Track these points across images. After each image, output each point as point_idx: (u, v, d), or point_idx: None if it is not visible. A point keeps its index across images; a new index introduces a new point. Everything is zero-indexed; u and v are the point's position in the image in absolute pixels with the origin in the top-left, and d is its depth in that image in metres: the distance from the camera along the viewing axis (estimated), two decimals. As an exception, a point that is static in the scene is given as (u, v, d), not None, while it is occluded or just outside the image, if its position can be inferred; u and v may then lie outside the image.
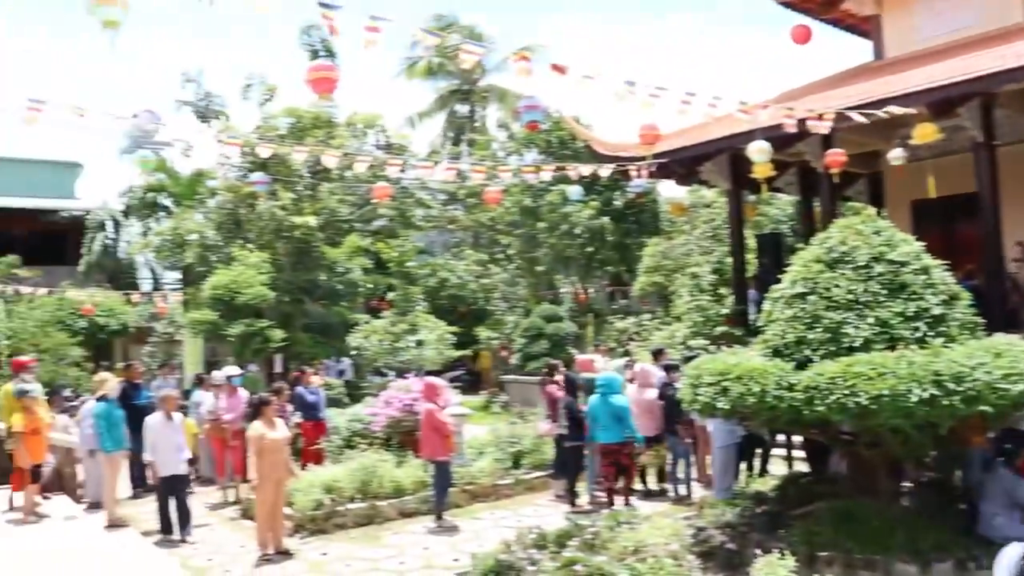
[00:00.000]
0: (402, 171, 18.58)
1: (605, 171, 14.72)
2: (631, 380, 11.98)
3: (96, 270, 28.36)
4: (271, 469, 9.02)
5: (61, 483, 12.30)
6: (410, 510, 10.71)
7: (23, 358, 13.23)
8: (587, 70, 9.19)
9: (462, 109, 38.75)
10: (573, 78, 9.00)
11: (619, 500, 10.46)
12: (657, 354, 13.05)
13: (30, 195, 29.68)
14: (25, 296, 19.61)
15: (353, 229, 23.10)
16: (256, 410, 9.34)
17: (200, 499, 11.57)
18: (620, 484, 10.66)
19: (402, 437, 12.33)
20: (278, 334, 18.34)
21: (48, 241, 28.91)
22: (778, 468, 10.99)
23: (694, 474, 11.50)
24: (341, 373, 22.03)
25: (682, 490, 11.19)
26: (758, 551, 6.75)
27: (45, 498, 11.51)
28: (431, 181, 24.09)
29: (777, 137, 11.78)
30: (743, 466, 10.76)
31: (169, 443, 9.94)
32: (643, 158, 13.95)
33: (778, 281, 8.30)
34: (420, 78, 38.03)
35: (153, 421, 10.03)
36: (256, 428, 9.02)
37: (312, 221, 20.70)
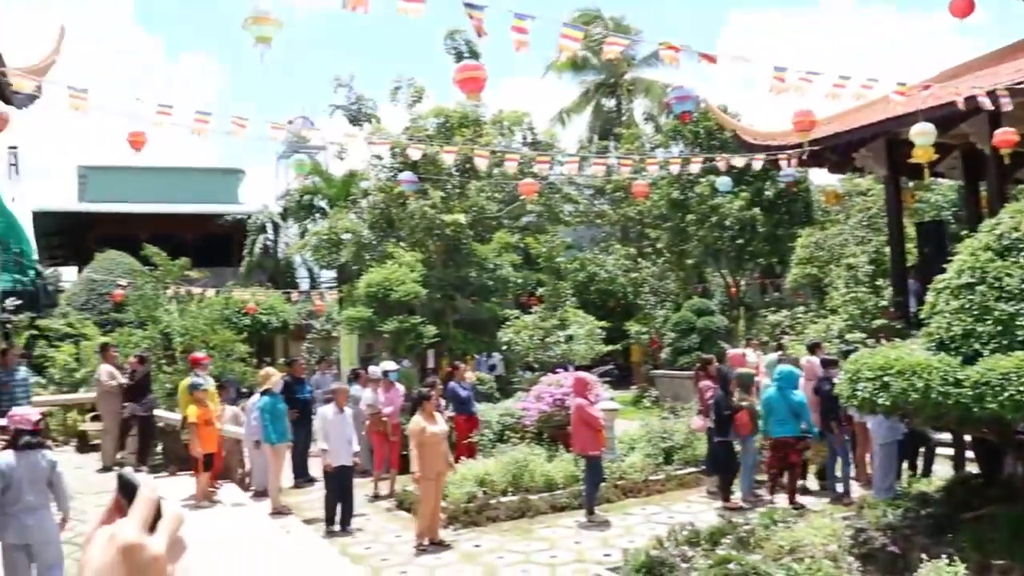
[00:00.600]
0: (550, 167, 18.67)
1: (756, 161, 14.39)
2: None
3: (257, 270, 29.65)
4: (432, 462, 9.23)
5: (229, 472, 12.92)
6: (561, 504, 10.76)
7: (199, 355, 13.93)
8: (737, 56, 9.01)
9: (608, 103, 38.58)
10: (723, 66, 8.83)
11: (783, 497, 10.22)
12: (813, 348, 12.68)
13: (198, 201, 31.38)
14: (195, 296, 20.68)
15: (502, 225, 23.34)
16: (416, 404, 9.57)
17: (357, 490, 11.96)
18: (785, 480, 10.46)
19: (553, 432, 12.40)
20: (430, 330, 18.72)
21: (214, 244, 30.38)
22: (943, 468, 10.50)
23: (852, 472, 11.11)
24: (492, 368, 22.33)
25: (840, 489, 10.83)
26: (923, 556, 6.45)
27: (217, 485, 12.09)
28: (578, 176, 24.09)
29: (939, 118, 11.18)
30: (905, 465, 10.34)
31: (340, 435, 10.34)
32: (797, 145, 13.55)
33: (942, 271, 7.91)
34: (566, 72, 38.06)
35: (326, 413, 10.45)
36: (417, 422, 9.24)
37: (462, 219, 21.03)
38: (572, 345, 18.40)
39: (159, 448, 14.31)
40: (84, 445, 16.07)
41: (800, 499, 10.44)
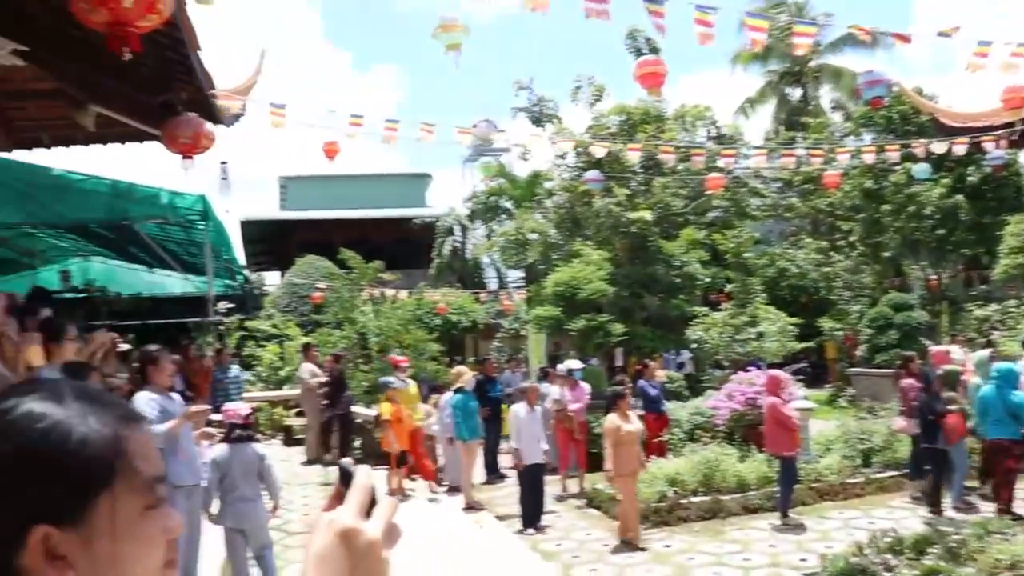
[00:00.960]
0: (735, 160, 18.26)
1: (958, 145, 13.58)
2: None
3: (447, 271, 30.42)
4: (627, 461, 9.23)
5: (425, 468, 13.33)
6: (753, 506, 10.52)
7: (398, 358, 14.36)
8: (937, 34, 8.54)
9: (794, 92, 37.37)
10: (918, 46, 8.40)
11: (994, 506, 9.59)
12: (1029, 344, 11.85)
13: (389, 206, 32.56)
14: (389, 297, 21.45)
15: (688, 222, 23.00)
16: (611, 403, 9.59)
17: (546, 488, 12.09)
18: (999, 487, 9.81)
19: (745, 431, 12.14)
20: (618, 328, 18.68)
21: (406, 246, 31.37)
22: None
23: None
24: (680, 366, 22.04)
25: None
26: None
27: (411, 479, 12.50)
28: (765, 169, 23.44)
29: None
30: None
31: (531, 433, 10.50)
32: (1007, 124, 12.71)
33: None
34: (750, 64, 37.17)
35: (518, 411, 10.65)
36: (612, 420, 9.26)
37: (647, 216, 20.88)
38: (763, 342, 17.91)
39: (358, 443, 14.93)
40: (289, 439, 16.98)
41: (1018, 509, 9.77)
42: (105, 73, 9.19)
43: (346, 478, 1.02)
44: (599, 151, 16.24)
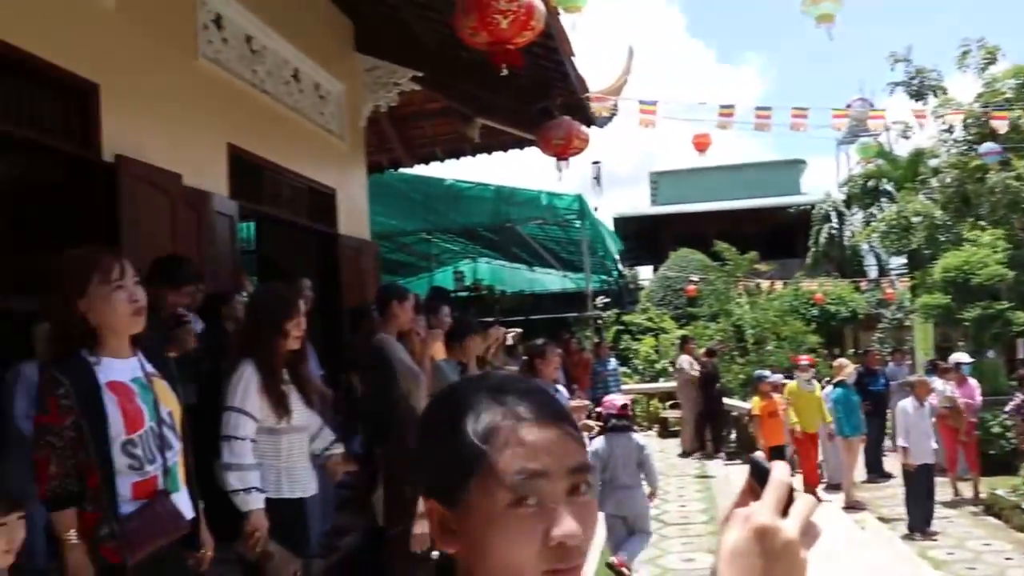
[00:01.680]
0: None
1: None
2: None
3: (823, 260, 29.25)
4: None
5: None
6: None
7: (800, 357, 13.68)
8: None
9: None
10: None
11: None
12: None
13: (761, 195, 31.92)
14: (764, 288, 21.08)
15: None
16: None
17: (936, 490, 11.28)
18: None
19: None
20: (1020, 317, 16.94)
21: (779, 236, 30.59)
22: None
23: None
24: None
25: None
26: None
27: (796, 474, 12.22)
28: None
29: None
30: None
31: (920, 430, 9.85)
32: None
33: None
34: None
35: (905, 407, 10.06)
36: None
37: (1052, 188, 18.70)
38: None
39: (732, 436, 14.87)
40: (664, 431, 17.29)
41: None
42: (488, 88, 9.95)
43: (757, 473, 0.99)
44: (999, 122, 14.77)
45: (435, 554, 1.11)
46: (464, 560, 1.07)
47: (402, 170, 14.52)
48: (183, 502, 3.05)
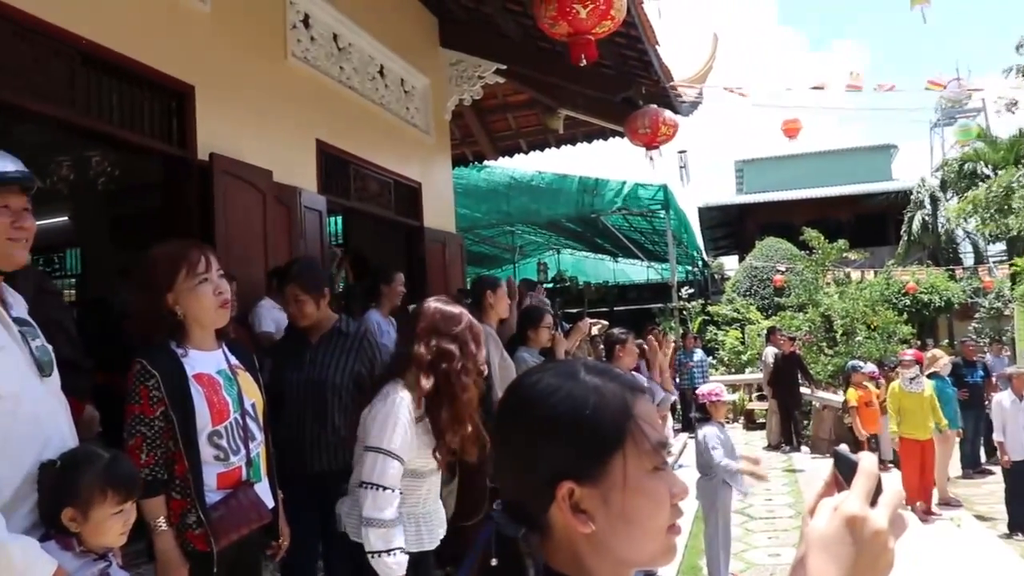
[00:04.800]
0: None
1: None
2: None
3: (916, 248, 28.49)
4: None
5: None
6: None
7: (907, 352, 13.09)
8: None
9: None
10: None
11: None
12: None
13: (850, 182, 31.19)
14: (853, 278, 20.60)
15: None
16: None
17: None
18: None
19: None
20: None
21: (869, 223, 29.88)
22: None
23: None
24: None
25: None
26: None
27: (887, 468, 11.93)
28: None
29: None
30: None
31: (1018, 425, 9.52)
32: None
33: None
34: None
35: (1002, 400, 9.74)
36: None
37: None
38: None
39: (808, 429, 14.58)
40: (750, 423, 17.09)
41: None
42: (571, 78, 9.95)
43: (842, 465, 1.02)
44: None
45: (494, 561, 1.14)
46: (597, 536, 1.12)
47: (486, 163, 14.62)
48: (264, 492, 3.14)
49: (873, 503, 0.97)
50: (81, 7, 4.95)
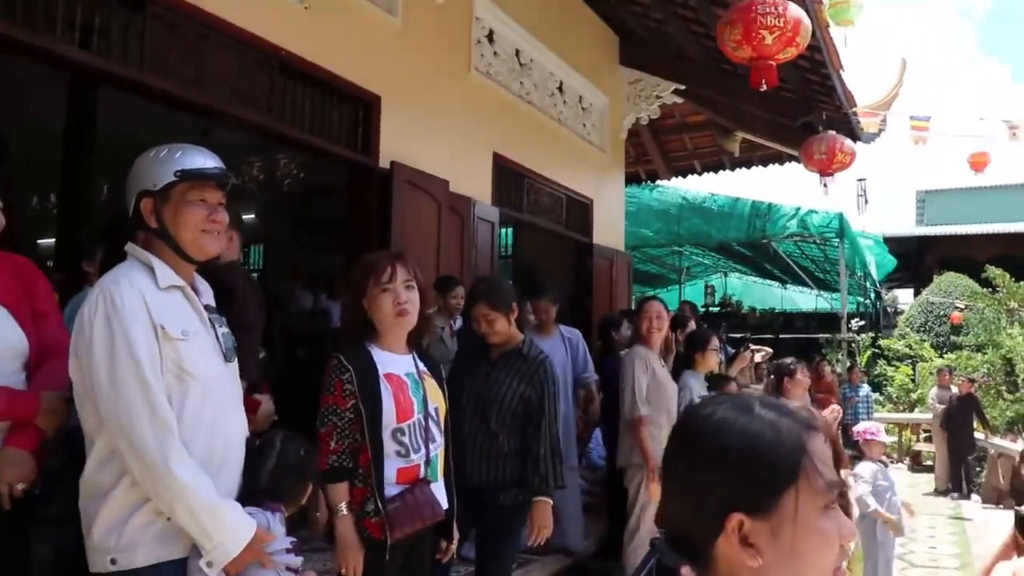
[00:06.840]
0: None
1: None
2: None
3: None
4: None
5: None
6: None
7: None
8: None
9: None
10: None
11: None
12: None
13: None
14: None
15: None
16: None
17: None
18: None
19: None
20: None
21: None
22: None
23: None
24: None
25: None
26: None
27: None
28: None
29: None
30: None
31: None
32: None
33: None
34: None
35: None
36: None
37: None
38: None
39: (981, 476, 13.81)
40: (916, 464, 16.34)
41: None
42: (751, 101, 9.84)
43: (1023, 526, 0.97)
44: None
45: None
46: (764, 571, 1.13)
47: (659, 182, 14.60)
48: (440, 492, 3.29)
49: None
50: (284, 21, 5.31)
